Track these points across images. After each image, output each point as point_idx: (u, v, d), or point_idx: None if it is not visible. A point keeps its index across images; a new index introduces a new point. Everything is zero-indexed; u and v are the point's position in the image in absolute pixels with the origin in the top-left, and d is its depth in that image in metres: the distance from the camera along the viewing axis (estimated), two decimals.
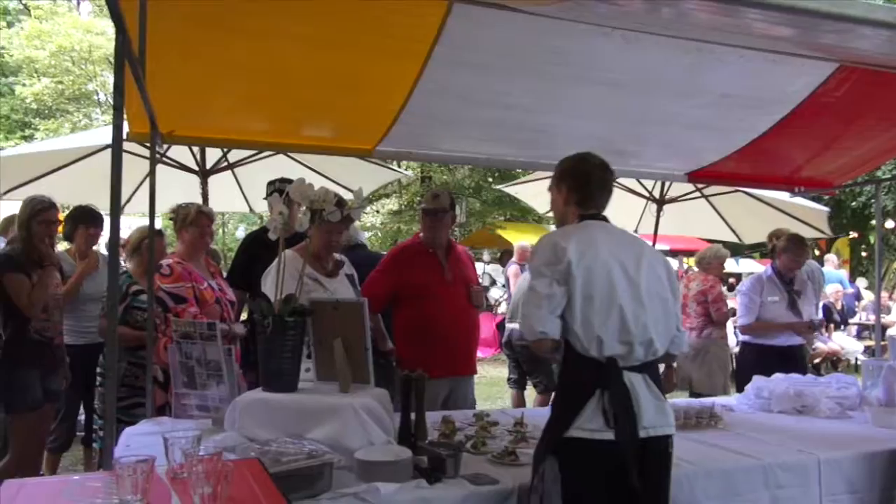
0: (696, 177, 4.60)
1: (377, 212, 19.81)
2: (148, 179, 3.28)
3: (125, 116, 2.82)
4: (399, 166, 16.17)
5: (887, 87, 3.52)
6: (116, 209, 2.05)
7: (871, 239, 17.44)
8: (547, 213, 7.35)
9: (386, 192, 19.30)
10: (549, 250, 2.18)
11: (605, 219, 2.35)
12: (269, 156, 5.56)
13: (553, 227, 2.64)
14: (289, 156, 5.57)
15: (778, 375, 3.69)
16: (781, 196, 6.01)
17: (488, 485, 2.19)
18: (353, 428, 2.30)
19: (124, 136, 2.48)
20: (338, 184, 6.02)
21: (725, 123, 3.82)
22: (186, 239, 3.55)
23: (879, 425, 3.18)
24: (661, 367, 5.06)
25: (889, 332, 8.88)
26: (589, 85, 3.37)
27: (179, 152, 5.35)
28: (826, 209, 6.98)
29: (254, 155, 5.54)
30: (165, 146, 4.38)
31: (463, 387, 3.82)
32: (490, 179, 17.40)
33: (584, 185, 2.35)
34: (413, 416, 2.53)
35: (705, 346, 5.42)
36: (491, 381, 8.55)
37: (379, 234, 20.28)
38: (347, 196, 6.69)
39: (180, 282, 3.41)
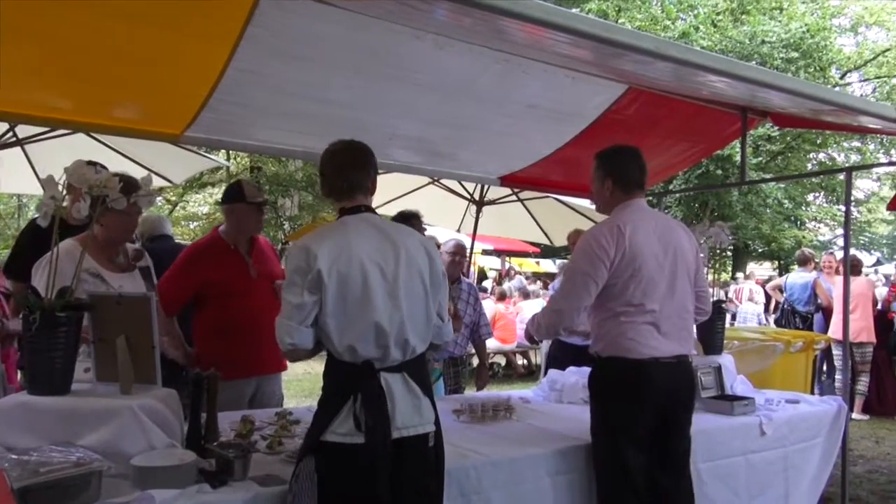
0: (507, 181, 4.82)
1: (205, 202, 18.91)
2: None
3: None
4: (225, 154, 15.61)
5: (671, 110, 3.91)
6: None
7: None
8: (378, 207, 7.40)
9: (211, 180, 18.45)
10: (301, 256, 2.11)
11: (370, 209, 2.30)
12: (67, 134, 5.08)
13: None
14: (94, 137, 5.13)
15: (571, 368, 3.96)
16: (586, 202, 6.48)
17: (276, 485, 2.15)
18: (132, 432, 2.15)
19: None
20: (150, 170, 5.64)
21: (532, 132, 4.04)
22: None
23: None
24: (475, 362, 5.32)
25: None
26: (404, 86, 3.41)
27: None
28: None
29: (48, 131, 5.04)
30: None
31: (270, 384, 3.71)
32: None
33: (337, 173, 2.28)
34: (204, 417, 2.43)
35: None
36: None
37: (204, 223, 19.35)
38: (159, 183, 6.39)
39: None
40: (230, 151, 15.17)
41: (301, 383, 8.61)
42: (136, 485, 2.02)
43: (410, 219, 3.92)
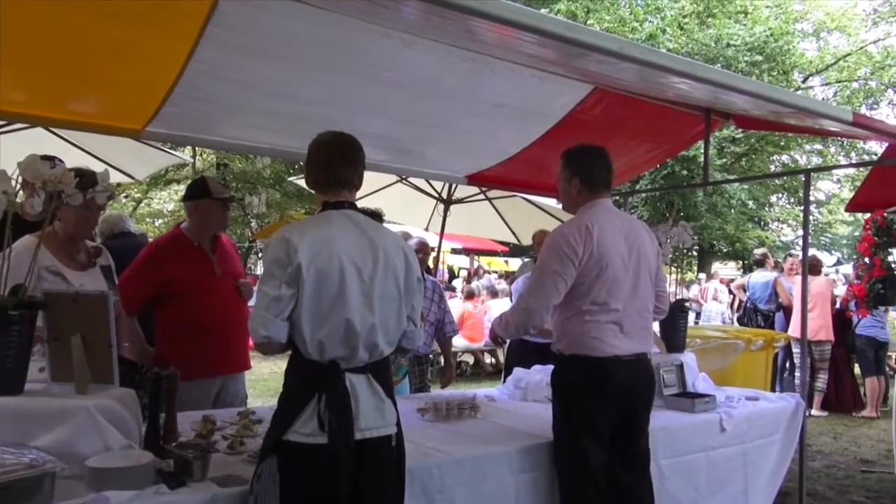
0: (474, 180, 4.83)
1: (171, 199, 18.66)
2: None
3: None
4: (191, 151, 15.39)
5: (636, 110, 3.95)
6: None
7: None
8: None
9: (176, 177, 18.21)
10: (281, 248, 2.08)
11: (353, 206, 2.28)
12: (25, 128, 4.95)
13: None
14: (53, 132, 5.02)
15: (536, 367, 3.98)
16: (552, 202, 6.52)
17: (236, 486, 2.13)
18: (87, 432, 2.10)
19: None
20: (111, 165, 5.54)
21: (499, 131, 4.05)
22: None
23: None
24: (443, 360, 5.32)
25: None
26: (371, 83, 3.39)
27: None
28: None
29: (5, 125, 4.91)
30: None
31: (234, 384, 3.67)
32: (292, 171, 17.02)
33: (325, 166, 2.25)
34: (163, 417, 2.39)
35: None
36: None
37: (169, 221, 19.09)
38: (121, 179, 6.28)
39: None
40: (196, 148, 14.99)
41: (267, 383, 8.54)
42: (91, 486, 1.98)
43: (373, 217, 3.89)
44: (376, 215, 4.02)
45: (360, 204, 4.93)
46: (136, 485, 2.00)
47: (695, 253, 20.54)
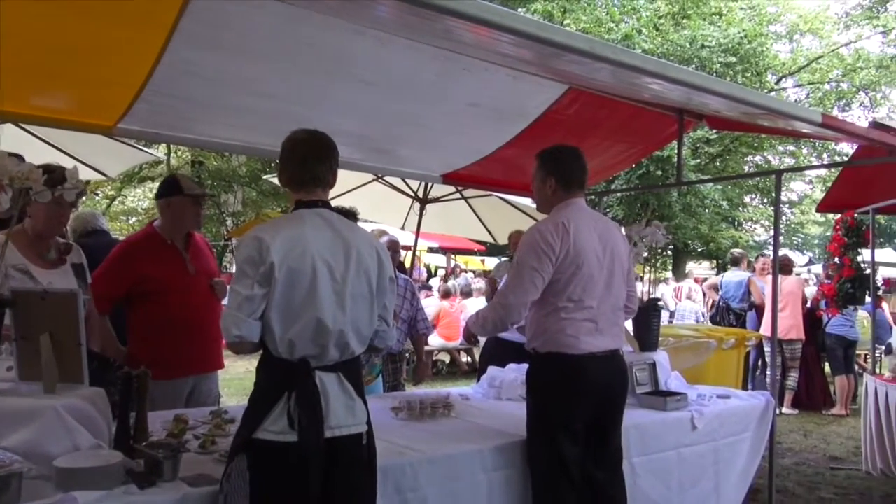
0: (449, 179, 4.84)
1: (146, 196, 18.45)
2: None
3: None
4: (165, 149, 15.23)
5: (610, 110, 3.99)
6: None
7: None
8: None
9: (151, 175, 18.00)
10: (254, 247, 2.08)
11: (327, 205, 2.27)
12: None
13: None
14: (23, 128, 4.93)
15: (511, 366, 4.00)
16: (528, 201, 6.55)
17: (206, 486, 2.11)
18: (56, 432, 2.08)
19: None
20: (83, 162, 5.47)
21: (474, 130, 4.06)
22: None
23: None
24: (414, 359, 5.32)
25: None
26: (345, 81, 3.39)
27: None
28: None
29: None
30: None
31: (207, 383, 3.65)
32: (268, 169, 16.90)
33: (299, 164, 2.24)
34: (133, 416, 2.37)
35: None
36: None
37: (143, 219, 18.85)
38: (93, 176, 6.20)
39: None
40: (171, 145, 14.82)
41: (241, 382, 8.47)
42: (59, 487, 1.96)
43: (348, 216, 3.88)
44: (351, 214, 4.01)
45: (335, 202, 4.89)
46: (105, 485, 1.98)
47: (669, 253, 20.74)
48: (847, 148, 14.36)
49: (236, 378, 8.70)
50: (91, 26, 2.73)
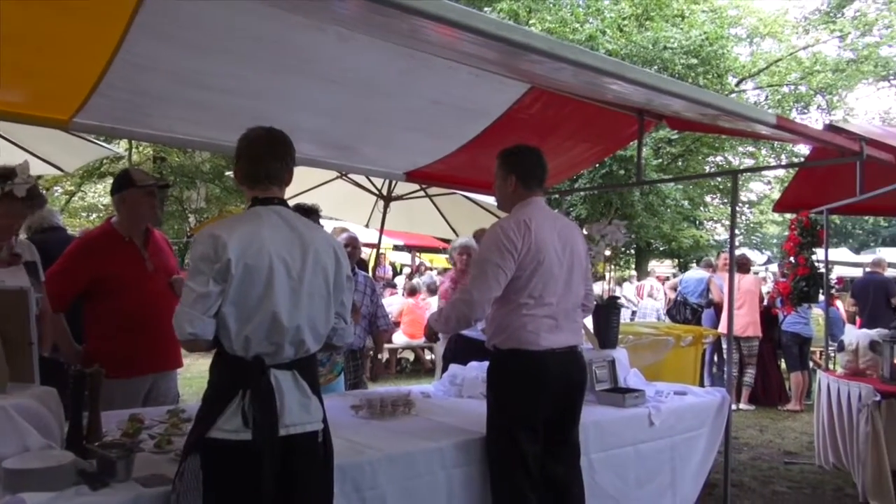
0: (413, 177, 4.84)
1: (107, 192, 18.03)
2: None
3: None
4: (127, 144, 14.94)
5: (572, 110, 4.02)
6: None
7: None
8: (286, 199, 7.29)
9: (111, 170, 17.62)
10: (209, 244, 2.06)
11: (283, 202, 2.26)
12: None
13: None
14: None
15: (472, 364, 4.02)
16: (491, 199, 6.57)
17: (160, 486, 2.09)
18: (4, 432, 2.04)
19: None
20: (39, 157, 5.35)
21: (437, 129, 4.07)
22: None
23: None
24: (383, 357, 5.32)
25: None
26: (307, 77, 3.37)
27: None
28: None
29: None
30: None
31: (165, 382, 3.60)
32: (232, 166, 16.60)
33: (254, 161, 2.22)
34: (86, 416, 2.32)
35: None
36: None
37: (103, 215, 18.46)
38: (49, 171, 6.05)
39: None
40: (132, 141, 14.54)
41: (202, 381, 8.35)
42: (7, 488, 1.92)
43: (310, 213, 3.86)
44: (312, 212, 3.98)
45: (298, 199, 4.86)
46: (55, 486, 1.95)
47: (632, 251, 21.01)
48: (804, 149, 14.70)
49: (197, 377, 8.57)
50: (44, 16, 2.66)
